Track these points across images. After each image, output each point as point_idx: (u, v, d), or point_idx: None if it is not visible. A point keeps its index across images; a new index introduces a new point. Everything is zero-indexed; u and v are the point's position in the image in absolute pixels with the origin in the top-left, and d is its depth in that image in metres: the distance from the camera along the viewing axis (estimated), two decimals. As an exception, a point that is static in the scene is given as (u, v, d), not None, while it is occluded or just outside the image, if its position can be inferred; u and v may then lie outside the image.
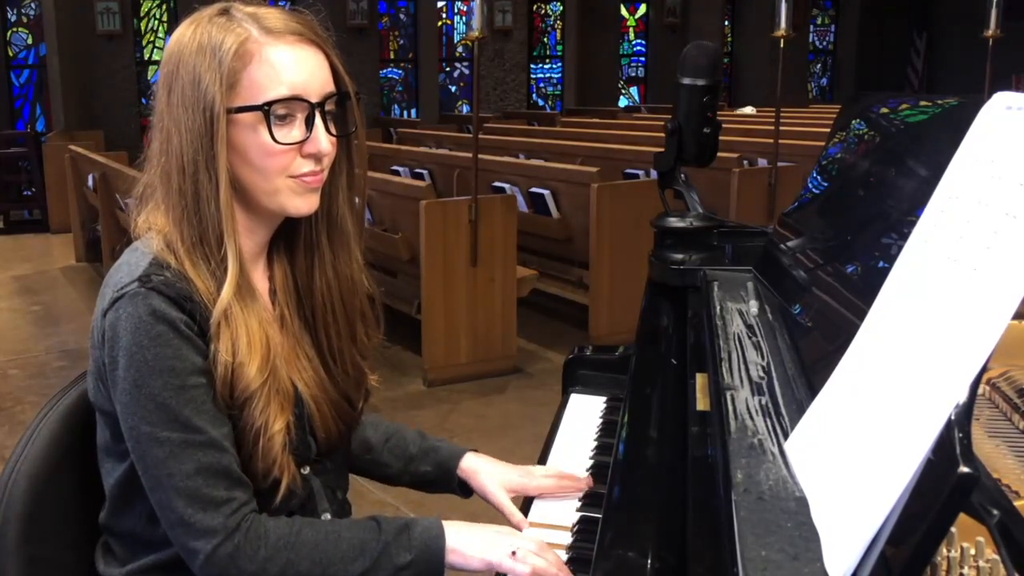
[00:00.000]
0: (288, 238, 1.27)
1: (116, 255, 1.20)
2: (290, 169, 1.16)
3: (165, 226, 1.17)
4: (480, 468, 1.41)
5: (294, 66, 1.14)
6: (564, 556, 1.20)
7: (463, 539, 1.19)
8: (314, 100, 1.15)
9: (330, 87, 1.18)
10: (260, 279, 1.26)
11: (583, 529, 1.28)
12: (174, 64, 1.15)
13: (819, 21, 15.21)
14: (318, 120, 1.15)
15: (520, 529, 1.31)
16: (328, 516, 1.28)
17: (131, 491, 1.20)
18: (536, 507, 1.36)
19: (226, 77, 1.12)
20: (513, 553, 1.16)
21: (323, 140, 1.16)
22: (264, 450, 1.15)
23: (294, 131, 1.15)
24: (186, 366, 1.11)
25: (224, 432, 1.14)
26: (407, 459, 1.44)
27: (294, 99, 1.14)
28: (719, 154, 1.76)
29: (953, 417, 0.66)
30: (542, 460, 1.53)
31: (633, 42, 13.84)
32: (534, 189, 5.26)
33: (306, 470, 1.24)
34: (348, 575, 1.15)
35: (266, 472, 1.16)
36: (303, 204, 1.19)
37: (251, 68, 1.13)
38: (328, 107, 1.18)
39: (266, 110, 1.13)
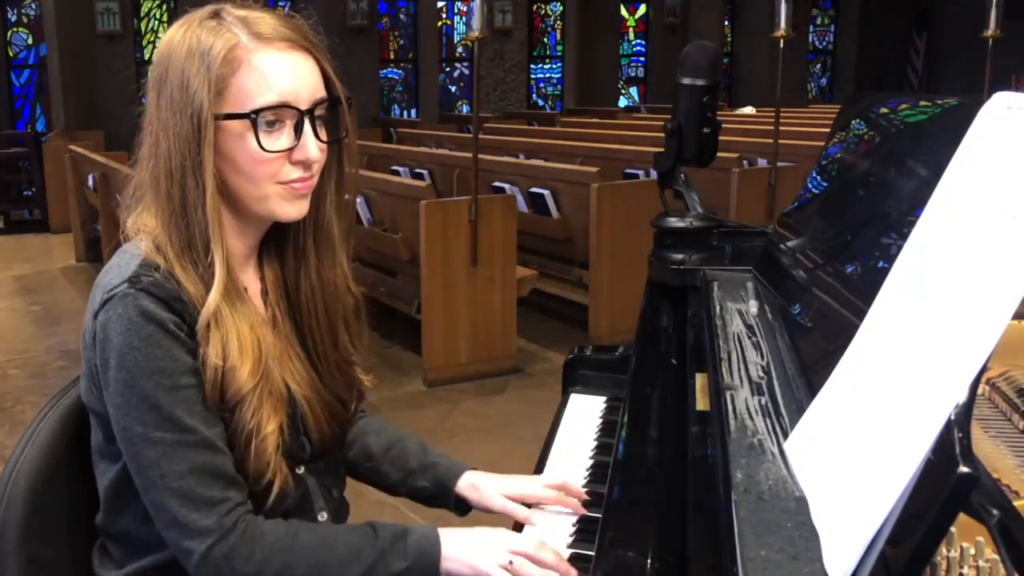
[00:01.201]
0: (278, 241, 1.27)
1: (111, 256, 1.20)
2: (279, 176, 1.15)
3: (155, 228, 1.16)
4: (478, 483, 1.38)
5: (283, 72, 1.13)
6: (564, 556, 1.20)
7: (458, 547, 1.19)
8: (303, 107, 1.14)
9: (321, 93, 1.17)
10: (252, 280, 1.26)
11: (583, 529, 1.28)
12: (164, 67, 1.14)
13: (819, 21, 15.21)
14: (307, 127, 1.14)
15: (528, 522, 1.31)
16: (325, 515, 1.28)
17: (125, 493, 1.19)
18: (533, 514, 1.36)
19: (214, 83, 1.11)
20: (510, 563, 1.16)
21: (312, 148, 1.15)
22: (257, 452, 1.15)
23: (282, 138, 1.14)
24: (177, 366, 1.11)
25: (216, 432, 1.14)
26: (406, 472, 1.42)
27: (283, 106, 1.13)
28: (719, 154, 1.76)
29: (953, 417, 0.66)
30: (542, 460, 1.53)
31: (633, 42, 13.84)
32: (534, 189, 5.26)
33: (301, 470, 1.24)
34: None
35: (259, 475, 1.16)
36: (292, 210, 1.18)
37: (239, 74, 1.12)
38: (319, 112, 1.16)
39: (253, 118, 1.12)
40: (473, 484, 1.39)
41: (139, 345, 1.09)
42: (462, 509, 1.42)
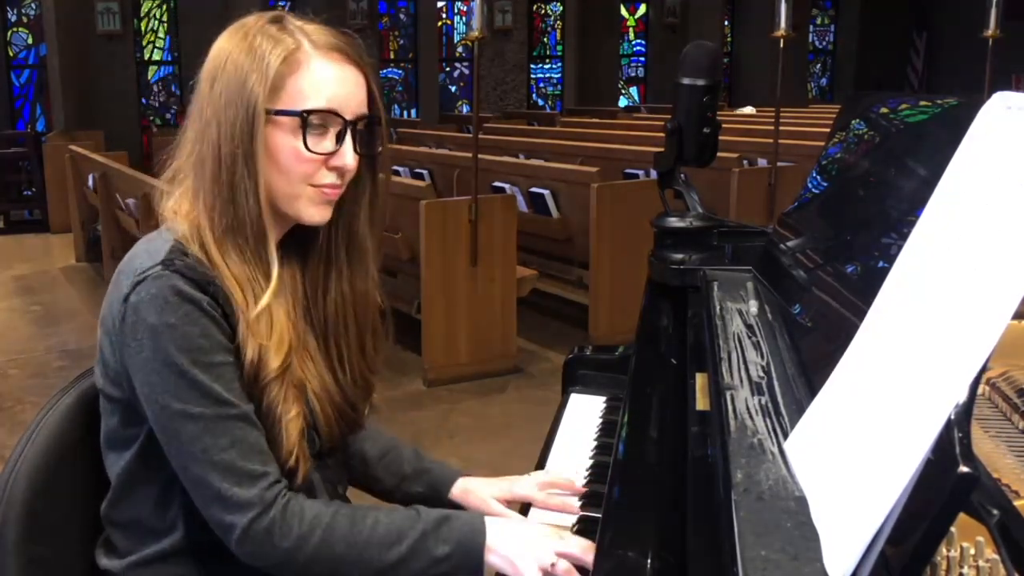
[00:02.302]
0: (301, 245, 1.29)
1: (116, 255, 1.22)
2: (314, 178, 1.19)
3: (192, 211, 1.19)
4: (470, 488, 1.41)
5: (336, 82, 1.18)
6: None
7: (503, 538, 1.17)
8: (349, 117, 1.19)
9: (364, 109, 1.22)
10: None
11: (583, 529, 1.28)
12: (221, 60, 1.18)
13: (819, 21, 15.22)
14: (348, 137, 1.19)
15: None
16: None
17: (137, 479, 1.22)
18: (533, 513, 1.36)
19: (271, 79, 1.15)
20: (552, 565, 1.14)
21: (349, 157, 1.20)
22: (285, 435, 1.17)
23: (325, 143, 1.19)
24: (213, 344, 1.13)
25: (251, 410, 1.15)
26: (400, 477, 1.44)
27: (330, 112, 1.17)
28: (719, 154, 1.76)
29: (953, 417, 0.66)
30: (542, 460, 1.53)
31: (633, 42, 13.85)
32: (534, 189, 5.25)
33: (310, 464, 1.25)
34: (383, 561, 1.14)
35: (284, 460, 1.17)
36: (317, 214, 1.22)
37: (297, 76, 1.17)
38: (359, 127, 1.21)
39: (304, 117, 1.16)
40: (465, 489, 1.41)
41: (176, 322, 1.11)
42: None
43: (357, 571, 1.15)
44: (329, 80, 1.18)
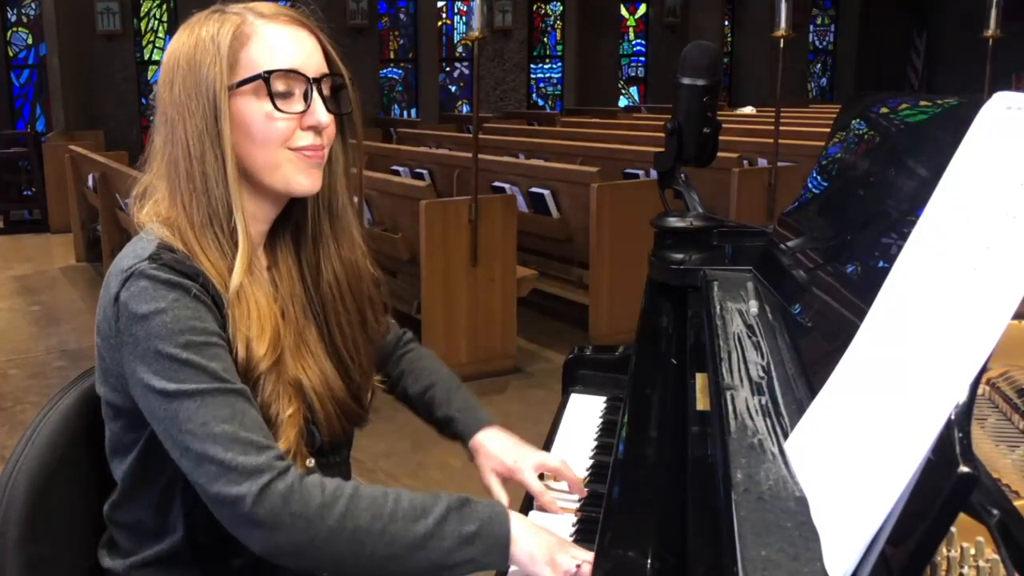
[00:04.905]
0: (294, 233, 1.29)
1: (116, 255, 1.21)
2: (291, 141, 1.19)
3: (170, 213, 1.18)
4: (481, 449, 1.44)
5: (289, 43, 1.19)
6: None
7: (525, 532, 1.13)
8: (311, 75, 1.19)
9: (324, 69, 1.22)
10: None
11: (583, 529, 1.28)
12: (175, 61, 1.19)
13: (819, 21, 15.21)
14: (315, 93, 1.19)
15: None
16: None
17: (138, 482, 1.21)
18: (534, 513, 1.36)
19: (226, 58, 1.15)
20: (578, 567, 1.10)
21: (322, 113, 1.19)
22: (282, 434, 1.15)
23: (295, 104, 1.19)
24: (206, 327, 1.12)
25: (249, 392, 1.13)
26: (433, 420, 1.51)
27: (292, 72, 1.17)
28: (719, 154, 1.76)
29: (953, 417, 0.66)
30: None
31: (633, 42, 13.84)
32: (534, 189, 5.25)
33: (311, 463, 1.24)
34: (411, 535, 1.08)
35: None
36: (306, 181, 1.21)
37: (249, 47, 1.17)
38: (324, 89, 1.21)
39: (266, 77, 1.16)
40: (479, 447, 1.44)
41: (166, 307, 1.10)
42: None
43: (382, 548, 1.07)
44: (282, 42, 1.18)
